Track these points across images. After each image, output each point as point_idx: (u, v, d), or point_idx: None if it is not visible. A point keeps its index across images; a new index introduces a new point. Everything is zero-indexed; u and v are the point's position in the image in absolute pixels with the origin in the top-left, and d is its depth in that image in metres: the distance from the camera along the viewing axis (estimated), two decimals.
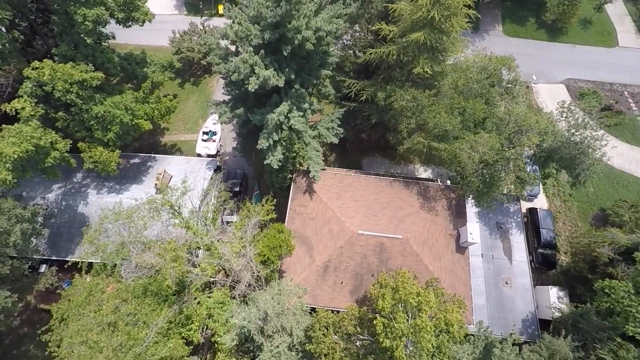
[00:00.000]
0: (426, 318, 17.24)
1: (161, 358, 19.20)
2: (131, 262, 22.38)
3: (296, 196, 29.99)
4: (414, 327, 17.29)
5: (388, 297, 19.12)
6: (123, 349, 18.33)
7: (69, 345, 18.97)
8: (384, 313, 18.93)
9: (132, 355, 18.22)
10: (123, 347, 18.41)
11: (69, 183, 34.20)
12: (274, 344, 19.75)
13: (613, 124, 43.79)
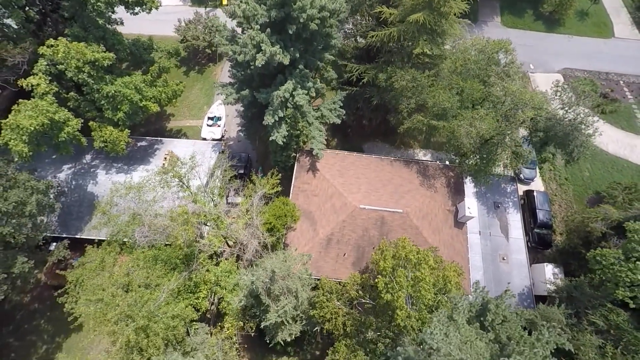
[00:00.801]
0: (425, 271, 18.19)
1: (173, 316, 20.15)
2: (144, 225, 23.30)
3: (300, 174, 30.98)
4: (414, 280, 18.25)
5: (389, 258, 20.09)
6: (137, 305, 19.26)
7: (85, 302, 19.89)
8: (385, 273, 19.89)
9: (145, 311, 19.15)
10: (137, 304, 19.34)
11: (79, 164, 35.23)
12: (280, 305, 20.69)
13: (608, 111, 44.77)
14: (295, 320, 25.53)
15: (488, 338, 17.78)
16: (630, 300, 22.17)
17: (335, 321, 22.87)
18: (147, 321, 18.91)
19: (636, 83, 48.24)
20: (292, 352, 30.75)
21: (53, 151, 34.52)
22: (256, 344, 31.79)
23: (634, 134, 43.93)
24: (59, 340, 32.82)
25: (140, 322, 18.51)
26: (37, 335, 33.10)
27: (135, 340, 18.36)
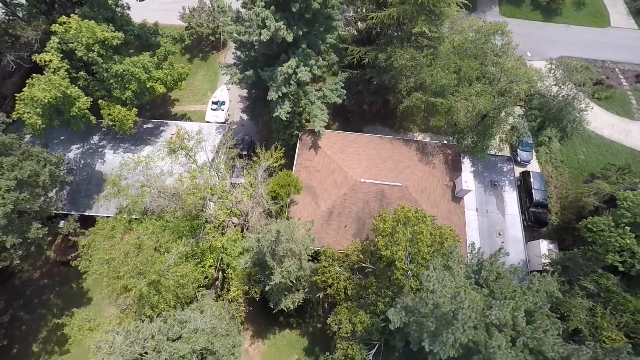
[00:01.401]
0: (423, 226, 19.15)
1: (182, 275, 21.10)
2: (154, 190, 24.26)
3: (302, 152, 31.96)
4: (412, 234, 19.21)
5: (388, 220, 21.06)
6: (148, 263, 20.19)
7: (99, 260, 20.82)
8: (384, 234, 20.86)
9: (157, 268, 20.08)
10: (148, 262, 20.27)
11: (87, 144, 36.23)
12: (284, 267, 21.64)
13: (604, 97, 45.74)
14: (298, 289, 26.53)
15: (483, 293, 18.73)
16: (619, 264, 23.12)
17: (336, 285, 23.83)
18: (158, 277, 19.86)
19: (631, 70, 49.19)
20: (294, 323, 31.71)
21: (63, 131, 35.70)
22: (260, 317, 32.80)
23: (629, 119, 44.90)
24: (68, 313, 33.76)
25: (152, 277, 19.46)
26: (46, 309, 34.09)
27: (147, 294, 19.33)
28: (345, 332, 21.73)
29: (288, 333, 32.80)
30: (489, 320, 14.70)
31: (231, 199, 27.33)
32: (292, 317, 31.11)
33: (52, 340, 32.84)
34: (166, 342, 16.44)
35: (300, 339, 32.68)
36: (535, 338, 13.46)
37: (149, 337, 16.65)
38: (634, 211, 22.60)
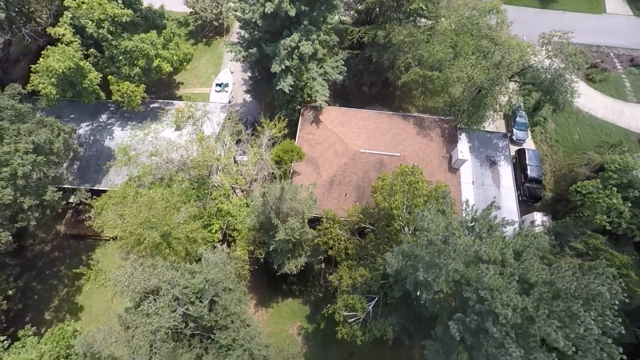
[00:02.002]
0: (419, 176, 20.31)
1: (191, 230, 22.29)
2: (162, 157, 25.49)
3: (304, 126, 33.15)
4: (409, 185, 20.39)
5: (387, 178, 22.24)
6: (160, 217, 21.35)
7: (113, 216, 21.99)
8: (383, 190, 22.03)
9: (168, 221, 21.25)
10: (160, 217, 21.43)
11: (96, 122, 37.49)
12: (288, 224, 22.81)
13: (598, 80, 46.87)
14: (301, 254, 27.71)
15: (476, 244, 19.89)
16: (607, 224, 24.26)
17: (337, 246, 25.01)
18: (170, 229, 21.03)
19: (625, 55, 50.31)
20: (296, 291, 32.89)
21: (72, 109, 36.99)
22: (264, 287, 34.01)
23: (623, 100, 46.03)
24: (79, 284, 35.05)
25: (164, 229, 20.63)
26: (57, 280, 35.34)
27: (159, 245, 20.48)
28: (345, 285, 22.91)
29: (291, 302, 33.99)
30: (479, 255, 15.84)
31: (236, 169, 28.57)
32: (295, 284, 32.29)
33: (63, 309, 34.07)
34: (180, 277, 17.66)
35: (303, 307, 33.87)
36: (522, 268, 14.59)
37: (165, 272, 17.84)
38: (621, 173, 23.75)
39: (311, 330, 33.03)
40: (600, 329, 11.99)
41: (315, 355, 31.96)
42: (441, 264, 15.04)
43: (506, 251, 16.03)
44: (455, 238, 15.59)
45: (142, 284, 16.91)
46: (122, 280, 17.30)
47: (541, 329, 12.14)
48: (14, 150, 22.89)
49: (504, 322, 12.64)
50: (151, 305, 16.61)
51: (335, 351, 32.36)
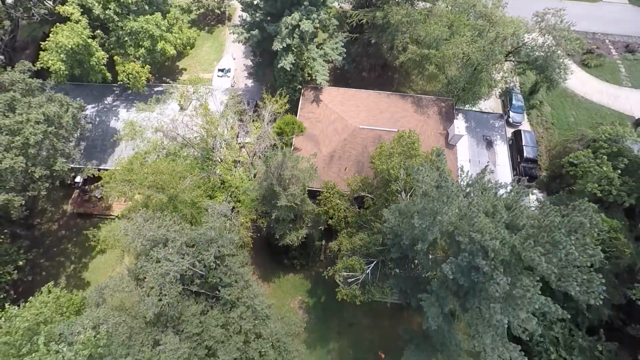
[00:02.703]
0: (415, 136, 21.19)
1: (197, 195, 23.14)
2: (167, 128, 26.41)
3: (305, 105, 34.05)
4: (406, 146, 21.27)
5: (385, 146, 23.10)
6: (167, 182, 22.22)
7: (120, 181, 22.84)
8: (381, 155, 22.91)
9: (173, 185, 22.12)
10: (166, 182, 22.30)
11: (102, 104, 38.48)
12: (289, 191, 23.68)
13: (594, 65, 47.71)
14: (302, 226, 28.58)
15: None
16: (598, 192, 25.10)
17: (337, 215, 25.87)
18: (176, 192, 21.91)
19: (621, 42, 51.12)
20: (298, 265, 33.76)
21: (79, 92, 37.88)
22: (266, 262, 34.89)
23: (617, 85, 46.85)
24: (85, 260, 35.98)
25: (170, 191, 21.49)
26: (65, 257, 36.25)
27: (166, 206, 21.33)
28: (345, 250, 23.77)
29: (292, 277, 34.88)
30: (471, 207, 16.69)
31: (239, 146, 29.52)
32: (296, 259, 33.17)
33: (71, 284, 34.92)
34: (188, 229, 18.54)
35: (304, 282, 34.76)
36: (512, 216, 15.41)
37: (173, 225, 18.67)
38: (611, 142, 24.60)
39: (312, 304, 33.91)
40: (581, 256, 12.82)
41: (316, 327, 32.83)
42: (435, 208, 15.87)
43: (497, 203, 16.87)
44: (447, 184, 16.44)
45: (152, 233, 17.76)
46: (132, 229, 18.15)
47: (526, 257, 12.94)
48: (25, 120, 23.80)
49: (493, 256, 13.46)
50: (160, 251, 17.46)
51: (335, 323, 33.24)
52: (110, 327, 15.95)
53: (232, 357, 18.61)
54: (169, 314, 17.75)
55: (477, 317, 17.24)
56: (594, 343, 24.07)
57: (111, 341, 15.80)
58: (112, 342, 15.86)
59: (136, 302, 16.90)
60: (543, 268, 12.33)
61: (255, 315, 20.98)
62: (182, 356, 16.43)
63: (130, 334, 16.61)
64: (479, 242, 13.94)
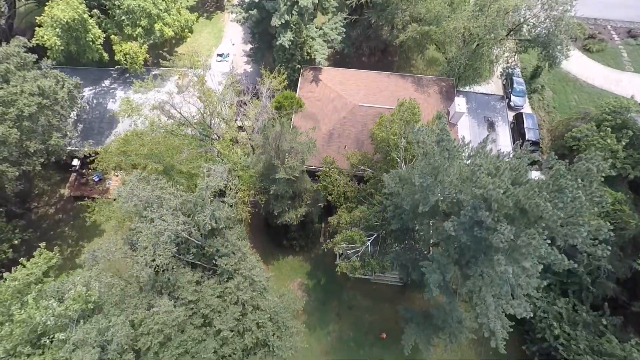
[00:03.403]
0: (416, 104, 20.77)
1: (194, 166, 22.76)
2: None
3: (304, 85, 33.67)
4: (407, 112, 20.86)
5: (386, 116, 22.69)
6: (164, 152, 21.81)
7: (116, 153, 22.45)
8: (381, 127, 22.51)
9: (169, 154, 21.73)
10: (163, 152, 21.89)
11: (99, 86, 38.13)
12: (288, 164, 23.28)
13: (596, 50, 47.32)
14: (301, 205, 28.17)
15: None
16: None
17: (337, 190, 25.45)
18: (172, 162, 21.51)
19: (622, 27, 50.70)
20: (297, 247, 33.36)
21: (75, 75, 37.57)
22: (265, 244, 34.45)
23: (619, 70, 46.46)
24: (82, 243, 35.60)
25: (167, 160, 21.10)
26: (62, 240, 35.86)
27: (163, 174, 20.92)
28: (345, 222, 23.34)
29: (291, 259, 34.47)
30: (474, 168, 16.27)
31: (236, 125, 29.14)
32: (295, 239, 32.76)
33: (67, 267, 34.48)
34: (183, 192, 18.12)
35: (303, 264, 34.35)
36: (515, 174, 14.98)
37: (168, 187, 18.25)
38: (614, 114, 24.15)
39: (311, 286, 33.49)
40: (588, 201, 12.40)
41: (315, 309, 32.40)
42: (437, 164, 15.45)
43: (500, 165, 16.45)
44: (449, 138, 16.04)
45: (145, 193, 17.32)
46: (125, 190, 17.70)
47: (531, 205, 12.49)
48: (19, 91, 23.43)
49: (497, 208, 13.03)
50: (154, 211, 17.04)
51: (335, 305, 32.82)
52: (103, 287, 15.54)
53: (229, 326, 18.19)
54: (163, 279, 17.34)
55: (479, 282, 16.81)
56: (599, 318, 23.63)
57: (103, 300, 15.39)
58: (104, 301, 15.46)
59: (130, 265, 16.48)
60: (548, 213, 11.88)
61: (253, 287, 20.56)
62: (177, 319, 16.02)
63: (122, 296, 16.21)
64: (482, 195, 13.50)
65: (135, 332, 15.44)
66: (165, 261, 16.34)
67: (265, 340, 21.17)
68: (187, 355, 16.79)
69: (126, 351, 14.99)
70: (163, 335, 15.44)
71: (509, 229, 12.22)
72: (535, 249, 11.69)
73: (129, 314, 15.75)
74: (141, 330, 15.36)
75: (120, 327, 14.67)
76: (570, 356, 22.80)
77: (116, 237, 18.81)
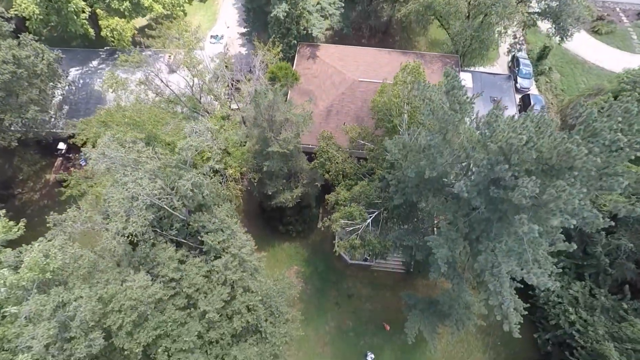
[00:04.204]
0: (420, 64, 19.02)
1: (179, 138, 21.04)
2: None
3: (300, 62, 31.94)
4: (410, 73, 19.10)
5: (387, 85, 20.95)
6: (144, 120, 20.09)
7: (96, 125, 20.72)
8: (382, 94, 20.76)
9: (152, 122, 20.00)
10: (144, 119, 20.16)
11: (86, 67, 36.41)
12: (282, 137, 21.53)
13: (605, 32, 45.59)
14: (297, 185, 26.39)
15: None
16: None
17: (335, 167, 23.70)
18: (154, 130, 19.78)
19: (632, 10, 48.95)
20: (293, 232, 31.61)
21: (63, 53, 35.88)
22: (260, 231, 32.62)
23: (629, 52, 44.72)
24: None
25: (149, 128, 19.37)
26: (46, 229, 34.02)
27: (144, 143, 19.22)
28: (343, 199, 21.57)
29: (287, 246, 32.69)
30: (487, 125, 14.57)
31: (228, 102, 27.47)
32: (292, 224, 31.01)
33: None
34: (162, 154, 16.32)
35: (300, 251, 32.58)
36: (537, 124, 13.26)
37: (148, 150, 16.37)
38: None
39: (309, 274, 31.71)
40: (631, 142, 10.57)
41: (313, 298, 30.63)
42: (446, 118, 13.72)
43: (516, 124, 14.70)
44: (460, 85, 14.35)
45: (119, 154, 15.51)
46: (96, 151, 15.92)
47: (560, 152, 10.74)
48: None
49: (516, 161, 11.26)
50: (128, 174, 15.18)
51: (334, 294, 31.02)
52: (69, 258, 13.77)
53: (215, 307, 16.42)
54: (141, 255, 15.53)
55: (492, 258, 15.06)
56: (618, 302, 21.86)
57: (68, 273, 13.62)
58: (69, 273, 13.70)
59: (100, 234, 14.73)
60: (581, 160, 10.11)
61: (243, 267, 18.80)
62: (153, 296, 14.22)
63: (92, 271, 14.42)
64: (500, 148, 11.77)
65: (105, 309, 13.66)
66: (139, 230, 14.50)
67: (257, 325, 19.45)
68: (167, 338, 15.05)
69: (92, 329, 13.19)
70: (137, 314, 13.65)
71: (534, 181, 10.46)
72: (567, 201, 9.92)
73: (99, 289, 13.94)
74: (111, 307, 13.57)
75: (84, 301, 12.87)
76: (588, 343, 21.03)
77: (85, 205, 17.03)
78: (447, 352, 28.63)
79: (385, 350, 28.53)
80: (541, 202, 10.78)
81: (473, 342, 29.26)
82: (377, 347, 28.59)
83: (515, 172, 11.57)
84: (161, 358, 14.67)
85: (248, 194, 30.85)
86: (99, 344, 13.09)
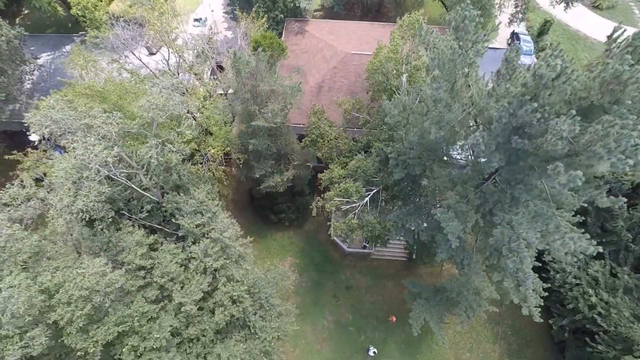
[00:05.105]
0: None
1: None
2: None
3: (288, 38, 29.72)
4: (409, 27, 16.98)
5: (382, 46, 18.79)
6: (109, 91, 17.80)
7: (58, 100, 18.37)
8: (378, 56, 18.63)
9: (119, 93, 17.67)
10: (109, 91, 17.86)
11: (59, 52, 33.94)
12: (267, 109, 19.35)
13: (605, 7, 43.89)
14: (287, 168, 24.20)
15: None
16: None
17: (328, 144, 21.54)
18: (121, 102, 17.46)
19: None
20: (286, 222, 29.48)
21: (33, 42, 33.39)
22: (249, 219, 30.42)
23: (633, 27, 42.96)
24: None
25: (113, 99, 17.05)
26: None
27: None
28: (338, 176, 19.40)
29: (280, 236, 30.51)
30: None
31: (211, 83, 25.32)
32: (284, 213, 28.84)
33: None
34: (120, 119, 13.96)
35: (294, 242, 30.40)
36: None
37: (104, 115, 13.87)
38: None
39: (304, 265, 29.53)
40: None
41: (309, 291, 28.47)
42: (455, 60, 11.63)
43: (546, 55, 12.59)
44: (471, 23, 12.27)
45: (66, 116, 13.09)
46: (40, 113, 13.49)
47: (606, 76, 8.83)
48: None
49: (547, 99, 9.17)
50: (78, 140, 12.77)
51: (331, 286, 28.84)
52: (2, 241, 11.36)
53: (192, 299, 14.21)
54: (102, 240, 13.25)
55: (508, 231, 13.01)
56: None
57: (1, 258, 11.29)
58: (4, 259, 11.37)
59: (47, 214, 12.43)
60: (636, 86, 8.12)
61: (226, 253, 16.59)
62: (113, 285, 11.90)
63: (36, 257, 12.06)
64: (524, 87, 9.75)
65: (50, 302, 11.39)
66: (91, 206, 12.16)
67: (245, 319, 17.23)
68: (135, 335, 12.82)
69: (31, 325, 10.86)
70: (92, 306, 11.36)
71: (572, 121, 8.40)
72: (620, 138, 7.84)
73: (43, 278, 11.64)
74: (58, 298, 11.25)
75: (18, 291, 10.53)
76: (612, 327, 19.05)
77: (30, 179, 14.71)
78: (454, 343, 26.60)
79: (389, 343, 26.43)
80: (579, 148, 8.73)
81: (482, 331, 27.26)
82: (380, 341, 26.48)
83: (545, 114, 9.48)
84: (127, 358, 12.44)
85: (237, 182, 28.65)
86: (40, 344, 10.76)
